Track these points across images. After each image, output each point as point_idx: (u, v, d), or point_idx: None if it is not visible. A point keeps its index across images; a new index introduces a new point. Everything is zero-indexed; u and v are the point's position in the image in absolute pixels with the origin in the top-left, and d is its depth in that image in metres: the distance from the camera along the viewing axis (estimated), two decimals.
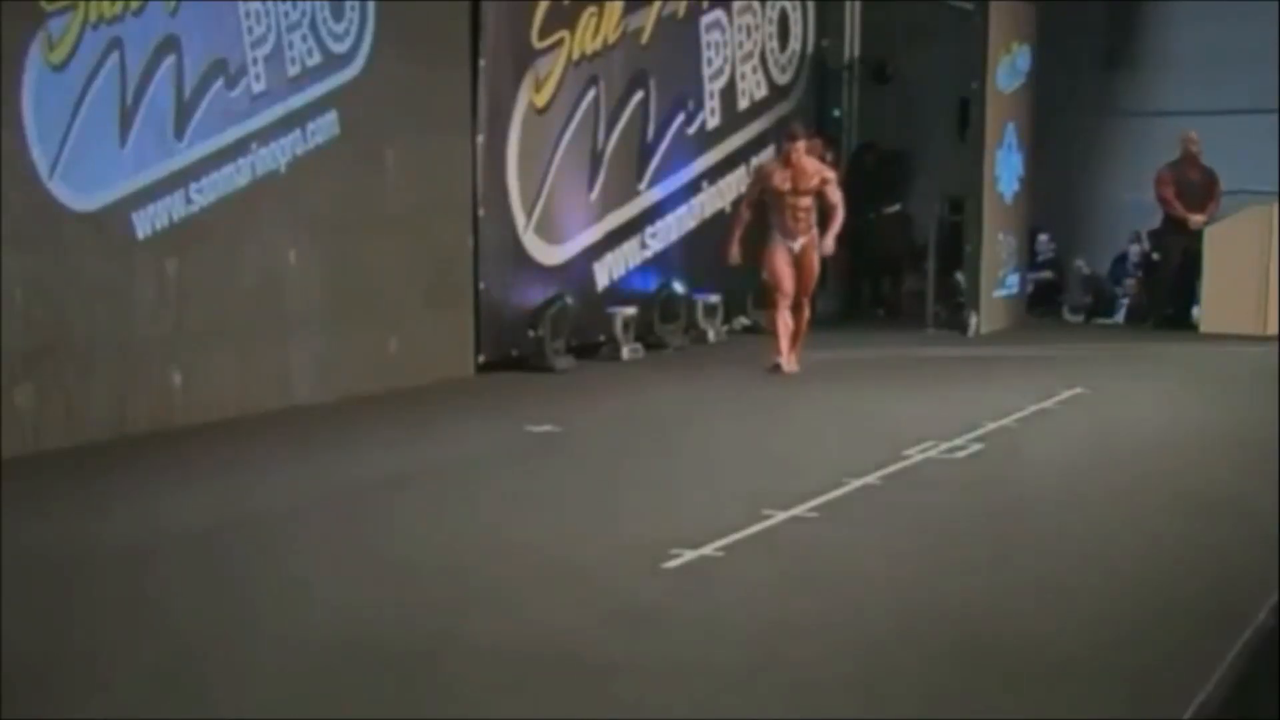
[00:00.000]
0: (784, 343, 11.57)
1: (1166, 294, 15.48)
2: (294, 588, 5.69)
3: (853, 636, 5.14)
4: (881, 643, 5.07)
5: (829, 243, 11.59)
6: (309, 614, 5.35)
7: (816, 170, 11.53)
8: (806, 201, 11.44)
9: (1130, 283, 16.28)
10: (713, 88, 14.30)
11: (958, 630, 5.17)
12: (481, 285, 11.37)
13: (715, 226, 14.24)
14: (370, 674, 4.72)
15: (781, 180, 11.40)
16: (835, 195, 11.55)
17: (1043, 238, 16.69)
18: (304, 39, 9.88)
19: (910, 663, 4.86)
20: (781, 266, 11.48)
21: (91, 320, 8.57)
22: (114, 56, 8.56)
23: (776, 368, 11.53)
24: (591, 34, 12.48)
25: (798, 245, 11.46)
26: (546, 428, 9.14)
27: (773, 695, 4.57)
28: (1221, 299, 14.58)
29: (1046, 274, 16.61)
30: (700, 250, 13.96)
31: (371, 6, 10.32)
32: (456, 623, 5.27)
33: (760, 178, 11.81)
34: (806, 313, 11.76)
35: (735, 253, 11.75)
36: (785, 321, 11.58)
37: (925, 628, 5.20)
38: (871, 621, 5.30)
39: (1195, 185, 15.17)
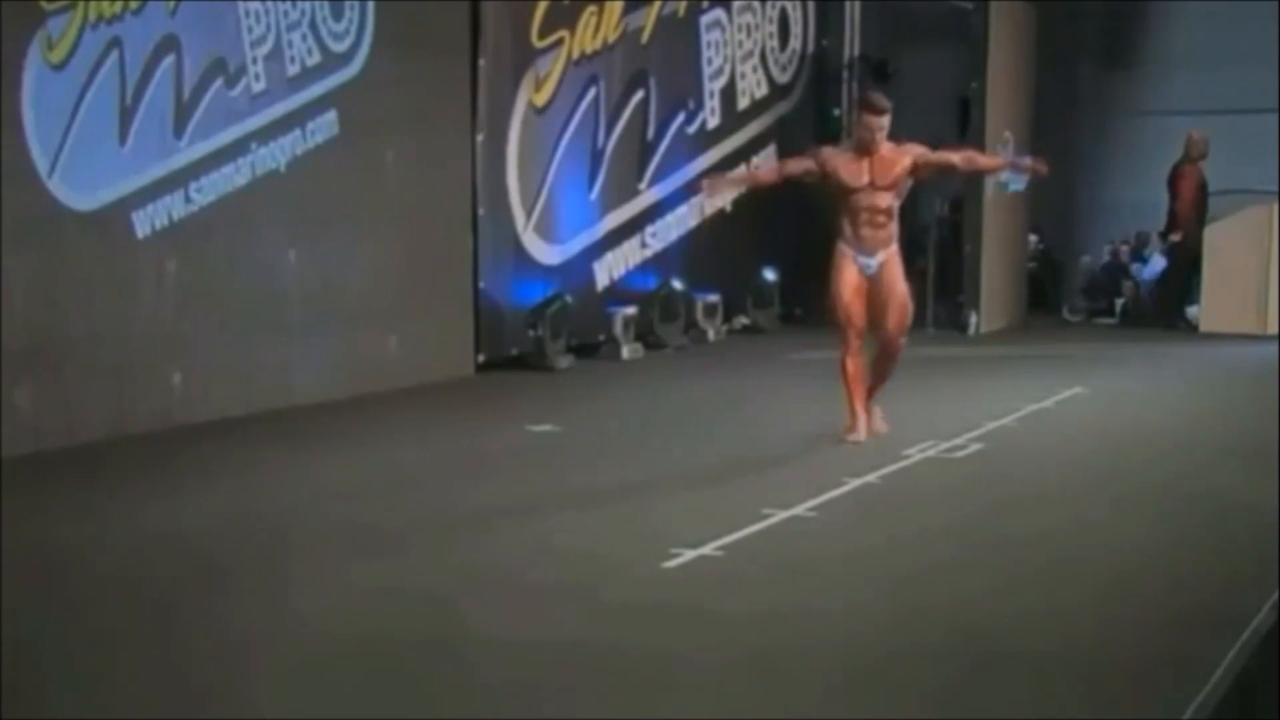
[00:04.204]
0: (858, 400, 8.59)
1: (1175, 296, 15.44)
2: (296, 586, 5.69)
3: (853, 636, 5.14)
4: (881, 642, 5.07)
5: (1025, 161, 8.89)
6: (311, 613, 5.35)
7: (898, 155, 8.48)
8: (888, 201, 8.49)
9: (1129, 284, 16.29)
10: (713, 87, 14.31)
11: (957, 629, 5.17)
12: (481, 285, 11.38)
13: (715, 226, 14.29)
14: (373, 671, 4.72)
15: (855, 174, 8.46)
16: (945, 156, 8.91)
17: (1032, 238, 16.70)
18: (304, 38, 9.88)
19: (910, 662, 4.86)
20: (848, 291, 8.56)
21: (91, 320, 8.57)
22: (113, 56, 8.56)
23: (857, 438, 8.57)
24: (591, 33, 12.49)
25: (875, 262, 8.51)
26: (546, 427, 9.14)
27: (773, 692, 4.57)
28: (1221, 299, 14.58)
29: (1031, 264, 16.58)
30: (700, 250, 13.98)
31: (371, 6, 10.32)
32: (457, 621, 5.27)
33: (817, 162, 8.73)
34: (897, 351, 8.64)
35: (712, 185, 9.67)
36: (857, 367, 8.62)
37: (925, 627, 5.20)
38: (872, 620, 5.30)
39: (1204, 188, 15.17)
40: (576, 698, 4.52)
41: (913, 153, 8.52)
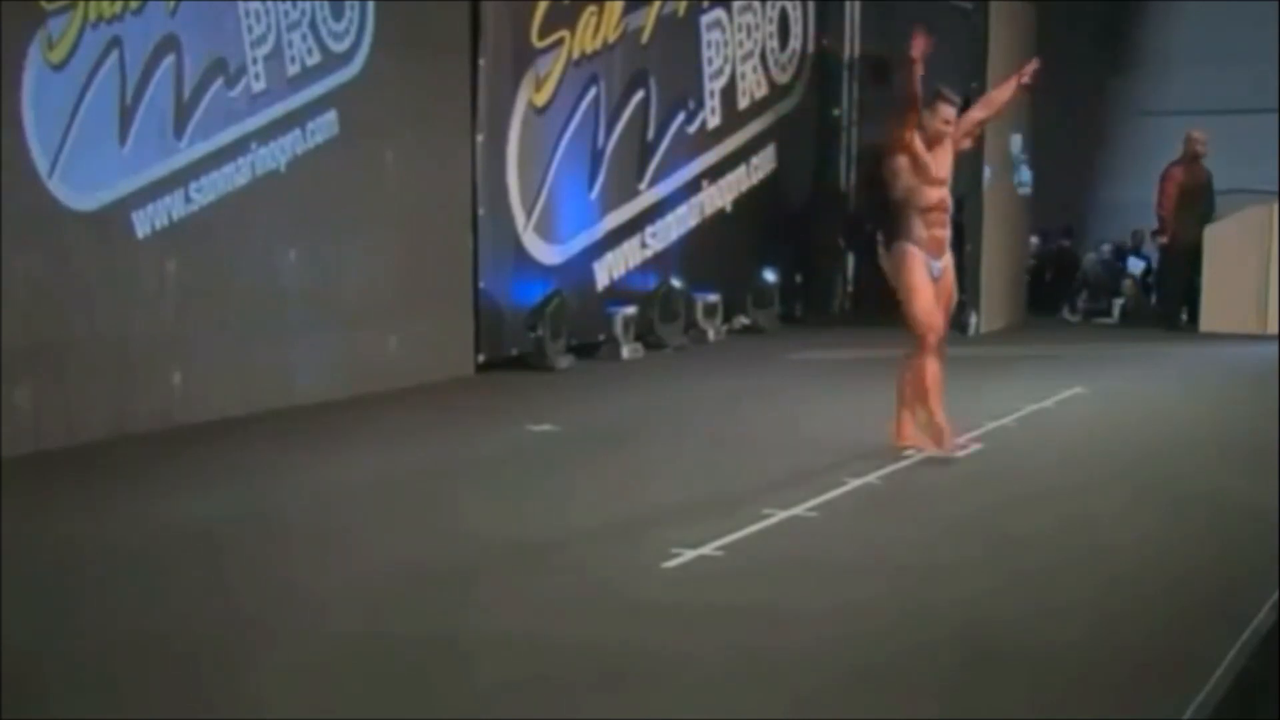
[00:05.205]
0: (938, 405, 8.23)
1: (1176, 297, 15.42)
2: (296, 586, 5.69)
3: (853, 635, 5.14)
4: (882, 641, 5.07)
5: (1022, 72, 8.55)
6: (312, 612, 5.35)
7: (946, 147, 8.24)
8: (949, 199, 8.31)
9: (1128, 283, 16.29)
10: (713, 87, 14.31)
11: (956, 629, 5.17)
12: (481, 285, 11.38)
13: (715, 226, 14.29)
14: (373, 670, 4.72)
15: (939, 165, 8.16)
16: (970, 117, 8.53)
17: (1033, 240, 16.71)
18: (304, 38, 9.88)
19: (910, 662, 4.86)
20: (931, 296, 8.19)
21: (91, 320, 8.57)
22: (114, 56, 8.56)
23: (945, 442, 8.24)
24: (592, 33, 12.49)
25: (940, 265, 8.26)
26: (546, 427, 9.14)
27: (773, 692, 4.57)
28: (1221, 298, 14.58)
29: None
30: (700, 250, 13.98)
31: (371, 6, 10.32)
32: (457, 621, 5.27)
33: (912, 136, 8.10)
34: (939, 357, 8.36)
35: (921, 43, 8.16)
36: (937, 374, 8.27)
37: (925, 627, 5.20)
38: (872, 620, 5.30)
39: (1200, 187, 15.13)
40: (577, 697, 4.52)
41: (960, 138, 8.32)
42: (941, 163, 8.19)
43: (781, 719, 4.41)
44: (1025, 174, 15.31)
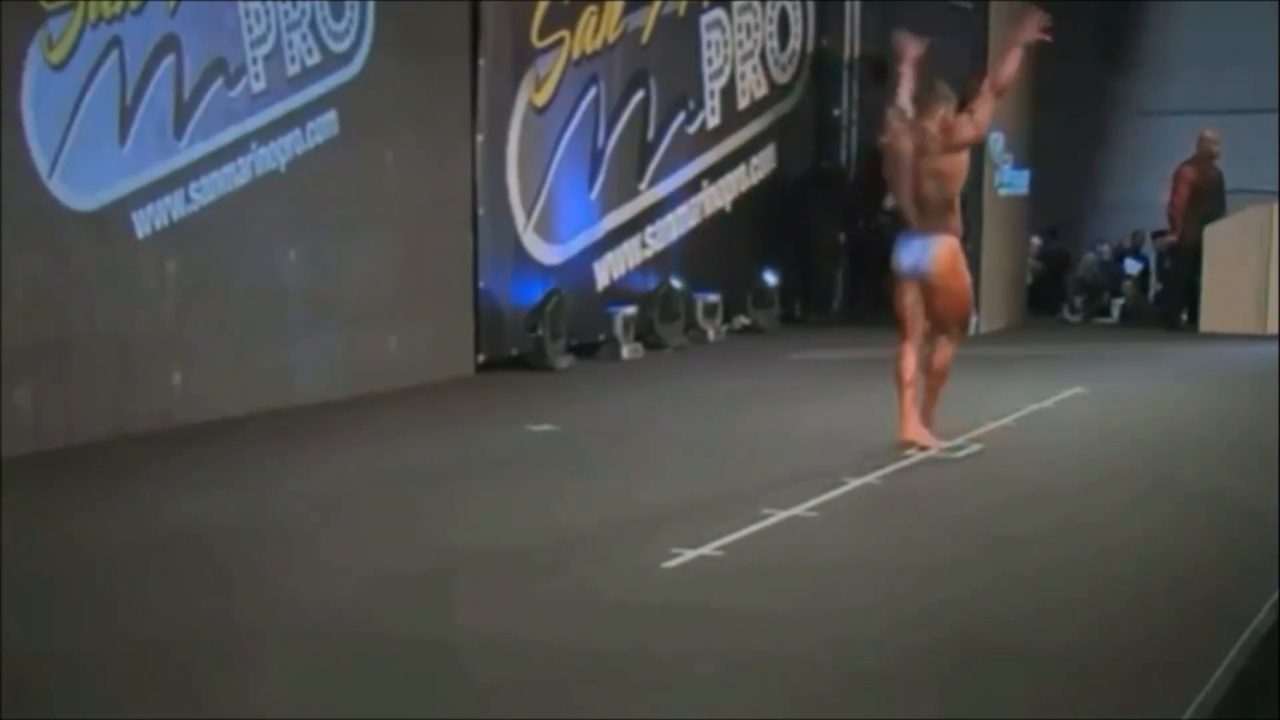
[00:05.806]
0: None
1: (1178, 297, 15.41)
2: (295, 586, 5.69)
3: (853, 636, 5.14)
4: (881, 642, 5.07)
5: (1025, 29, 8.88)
6: (310, 612, 5.35)
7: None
8: None
9: (1128, 284, 16.30)
10: (713, 87, 14.31)
11: (956, 630, 5.17)
12: (481, 285, 11.38)
13: (715, 226, 14.29)
14: (373, 671, 4.73)
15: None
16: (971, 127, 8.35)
17: (1036, 240, 16.73)
18: (304, 38, 9.88)
19: (909, 662, 4.86)
20: None
21: (91, 320, 8.58)
22: (113, 56, 8.56)
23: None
24: (592, 33, 12.49)
25: None
26: (546, 427, 9.14)
27: (773, 692, 4.57)
28: (1221, 298, 14.58)
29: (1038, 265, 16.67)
30: (700, 250, 13.98)
31: (371, 6, 10.32)
32: (456, 620, 5.28)
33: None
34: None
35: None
36: None
37: (925, 627, 5.20)
38: (872, 620, 5.30)
39: (1213, 186, 15.12)
40: (576, 698, 4.52)
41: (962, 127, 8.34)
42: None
43: (781, 719, 4.41)
44: (1008, 174, 15.28)
